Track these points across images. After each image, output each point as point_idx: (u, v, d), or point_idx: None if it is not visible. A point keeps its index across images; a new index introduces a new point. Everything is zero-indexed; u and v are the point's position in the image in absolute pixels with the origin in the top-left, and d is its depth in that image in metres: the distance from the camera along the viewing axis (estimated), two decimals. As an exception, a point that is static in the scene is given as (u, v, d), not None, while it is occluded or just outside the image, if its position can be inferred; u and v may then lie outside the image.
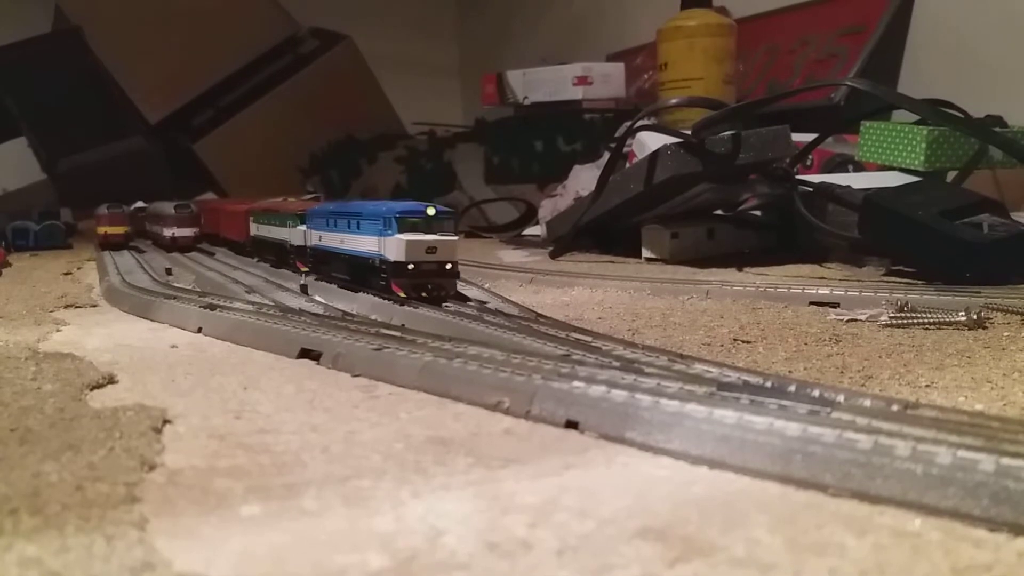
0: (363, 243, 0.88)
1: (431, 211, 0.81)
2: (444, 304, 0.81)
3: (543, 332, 0.66)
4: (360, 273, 0.91)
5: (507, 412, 0.50)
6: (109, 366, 0.63)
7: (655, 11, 1.99)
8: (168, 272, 1.26)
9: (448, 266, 0.82)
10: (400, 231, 0.81)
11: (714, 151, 1.20)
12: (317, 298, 0.94)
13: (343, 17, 2.88)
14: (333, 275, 1.00)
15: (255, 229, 1.34)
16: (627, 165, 1.42)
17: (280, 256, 1.21)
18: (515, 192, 2.11)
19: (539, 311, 0.80)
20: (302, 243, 1.08)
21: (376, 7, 3.19)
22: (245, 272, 1.22)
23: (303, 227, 1.08)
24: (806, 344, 0.68)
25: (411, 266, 0.81)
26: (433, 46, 3.43)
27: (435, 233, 0.82)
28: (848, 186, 1.17)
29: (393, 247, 0.81)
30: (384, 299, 0.84)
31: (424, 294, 0.82)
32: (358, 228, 0.89)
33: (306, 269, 1.07)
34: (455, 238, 0.83)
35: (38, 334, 0.80)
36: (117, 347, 0.74)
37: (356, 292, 0.91)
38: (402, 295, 0.81)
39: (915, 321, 0.73)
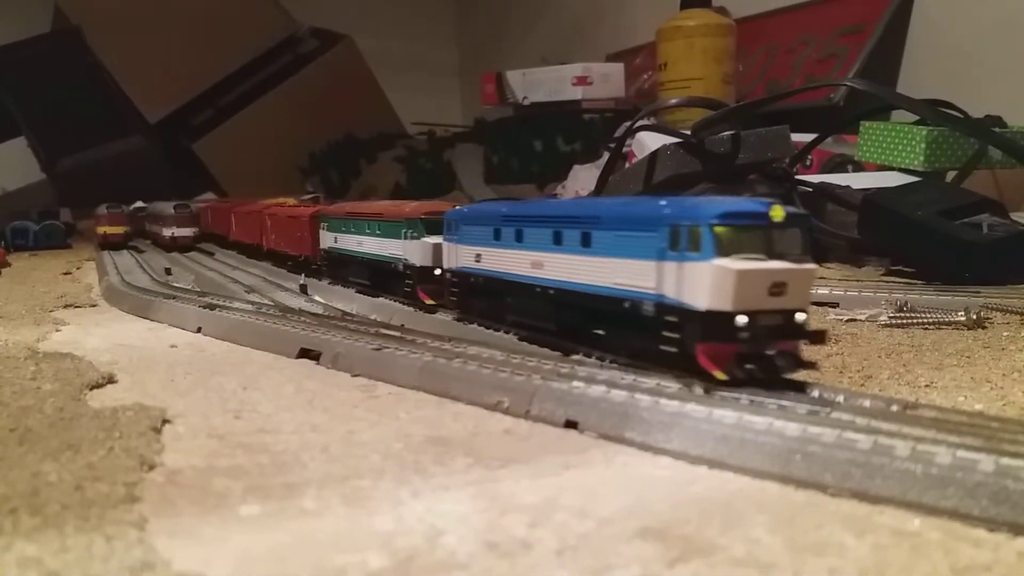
0: (609, 271, 0.52)
1: (778, 214, 0.46)
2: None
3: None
4: (589, 322, 0.56)
5: (506, 412, 0.50)
6: (108, 366, 0.63)
7: (654, 11, 1.99)
8: (167, 272, 1.26)
9: (798, 316, 0.46)
10: (721, 253, 0.45)
11: (713, 151, 1.20)
12: (317, 298, 0.94)
13: (343, 17, 2.89)
14: (515, 319, 0.65)
15: (330, 240, 1.01)
16: (627, 165, 1.42)
17: (381, 279, 0.88)
18: (515, 192, 2.11)
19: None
20: (430, 263, 0.78)
21: (376, 7, 3.19)
22: (244, 272, 1.22)
23: (433, 239, 0.77)
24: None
25: (742, 320, 0.44)
26: (433, 46, 3.43)
27: (784, 257, 0.46)
28: (847, 186, 1.17)
29: (707, 284, 0.45)
30: (671, 379, 0.48)
31: (752, 366, 0.45)
32: (586, 246, 0.54)
33: (432, 302, 0.78)
34: (812, 266, 0.47)
35: (37, 334, 0.79)
36: (116, 347, 0.74)
37: (567, 355, 0.57)
38: (720, 376, 0.45)
39: (914, 321, 0.73)
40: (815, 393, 0.45)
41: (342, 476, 0.40)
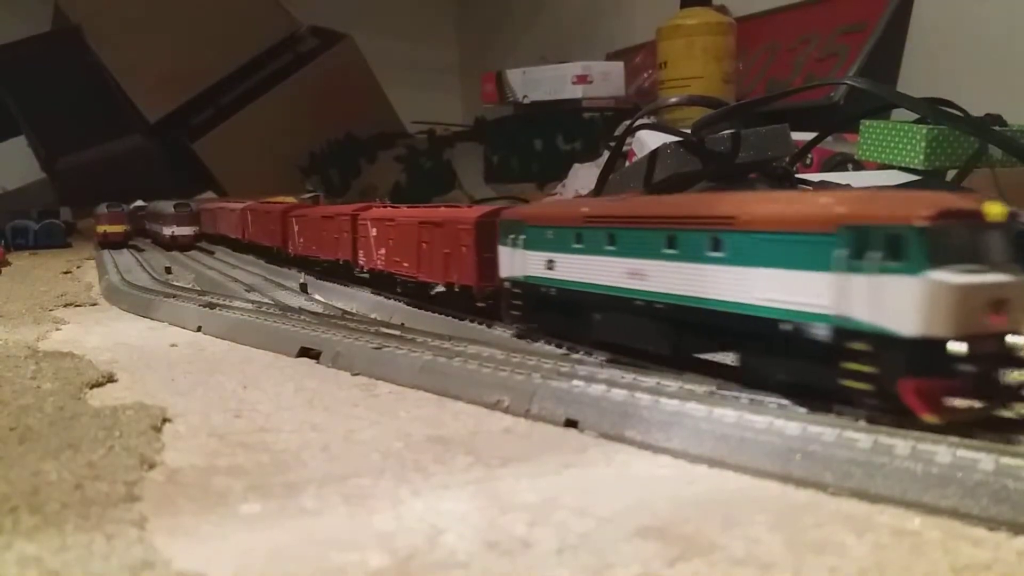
0: None
1: None
2: None
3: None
4: None
5: (507, 411, 0.50)
6: (109, 365, 0.63)
7: (655, 10, 1.99)
8: (168, 271, 1.25)
9: None
10: None
11: (714, 150, 1.19)
12: (317, 297, 0.94)
13: (343, 16, 2.88)
14: None
15: (532, 264, 0.62)
16: (627, 164, 1.42)
17: (719, 347, 0.51)
18: (515, 191, 2.11)
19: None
20: (937, 331, 0.36)
21: (376, 6, 3.19)
22: (244, 271, 1.22)
23: (955, 277, 0.36)
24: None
25: None
26: (433, 45, 3.43)
27: None
28: (848, 185, 1.16)
29: None
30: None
31: None
32: None
33: (937, 418, 0.37)
34: None
35: (38, 333, 0.79)
36: (117, 346, 0.74)
37: None
38: None
39: None
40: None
41: (342, 475, 0.40)
